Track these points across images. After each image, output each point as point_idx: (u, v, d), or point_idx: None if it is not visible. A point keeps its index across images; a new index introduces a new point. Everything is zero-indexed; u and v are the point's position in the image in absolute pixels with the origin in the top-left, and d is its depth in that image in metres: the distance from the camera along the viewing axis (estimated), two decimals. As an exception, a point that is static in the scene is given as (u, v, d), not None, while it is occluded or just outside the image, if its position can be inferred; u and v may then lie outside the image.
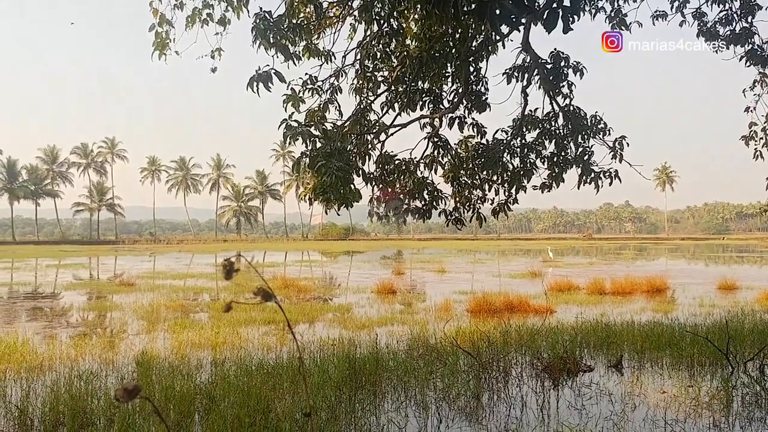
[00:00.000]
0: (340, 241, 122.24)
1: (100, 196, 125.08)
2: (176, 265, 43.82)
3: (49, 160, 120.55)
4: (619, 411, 7.79)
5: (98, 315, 17.73)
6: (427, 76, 9.32)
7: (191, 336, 12.99)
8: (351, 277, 32.63)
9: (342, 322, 15.25)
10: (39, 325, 15.65)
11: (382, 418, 7.55)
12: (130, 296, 21.82)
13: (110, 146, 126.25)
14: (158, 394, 7.93)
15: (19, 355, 11.01)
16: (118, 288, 25.33)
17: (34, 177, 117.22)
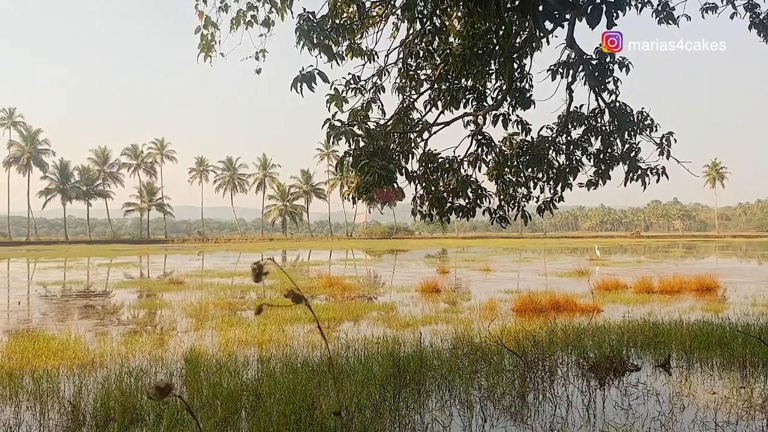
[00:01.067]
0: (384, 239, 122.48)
1: (149, 196, 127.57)
2: (224, 264, 44.45)
3: (100, 161, 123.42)
4: (666, 411, 7.66)
5: (148, 313, 18.09)
6: (470, 73, 9.28)
7: (238, 333, 13.17)
8: (395, 275, 32.65)
9: (386, 321, 15.28)
10: (91, 323, 16.04)
11: (426, 416, 7.56)
12: (179, 294, 22.22)
13: (159, 147, 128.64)
14: (206, 391, 8.07)
15: (71, 352, 11.29)
16: (167, 286, 25.81)
17: (86, 178, 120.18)
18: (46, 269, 40.10)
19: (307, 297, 1.79)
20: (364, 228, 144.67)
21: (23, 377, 9.39)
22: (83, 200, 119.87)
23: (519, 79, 9.35)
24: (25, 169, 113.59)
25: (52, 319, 16.92)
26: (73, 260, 52.30)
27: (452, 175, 9.41)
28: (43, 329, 14.55)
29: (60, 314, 18.03)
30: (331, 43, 8.63)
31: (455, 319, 15.23)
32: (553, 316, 15.20)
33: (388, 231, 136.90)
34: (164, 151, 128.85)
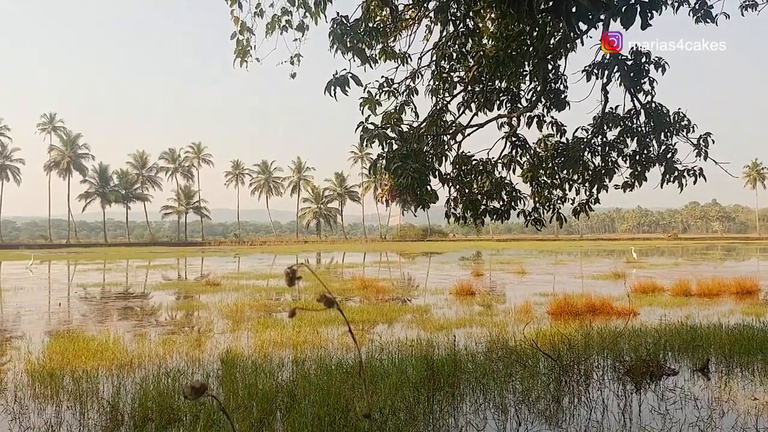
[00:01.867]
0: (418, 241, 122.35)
1: (187, 199, 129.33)
2: (259, 266, 44.83)
3: (138, 165, 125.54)
4: (705, 417, 7.52)
5: (185, 314, 18.32)
6: (504, 75, 9.24)
7: (273, 335, 13.28)
8: (429, 278, 32.60)
9: (420, 323, 15.27)
10: (129, 324, 16.29)
11: (460, 419, 7.54)
12: (216, 296, 22.47)
13: (196, 151, 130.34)
14: (241, 392, 8.15)
15: (110, 353, 11.49)
16: (204, 288, 26.11)
17: (125, 181, 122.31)
18: (86, 271, 40.84)
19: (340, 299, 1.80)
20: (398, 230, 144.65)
21: (64, 377, 9.57)
22: (122, 203, 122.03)
23: (553, 80, 9.27)
24: (65, 173, 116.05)
25: (92, 320, 17.23)
26: (112, 262, 53.18)
27: (486, 177, 9.37)
28: (83, 330, 14.82)
29: (99, 316, 18.35)
30: (364, 47, 8.66)
31: (490, 322, 15.16)
32: (588, 319, 15.05)
33: (422, 233, 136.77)
34: (201, 154, 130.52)
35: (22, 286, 28.61)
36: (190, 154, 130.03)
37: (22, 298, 23.24)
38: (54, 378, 9.45)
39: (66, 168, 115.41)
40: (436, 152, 9.23)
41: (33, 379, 9.61)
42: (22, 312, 18.91)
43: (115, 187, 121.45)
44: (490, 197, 9.30)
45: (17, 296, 23.80)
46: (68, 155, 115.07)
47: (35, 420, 7.76)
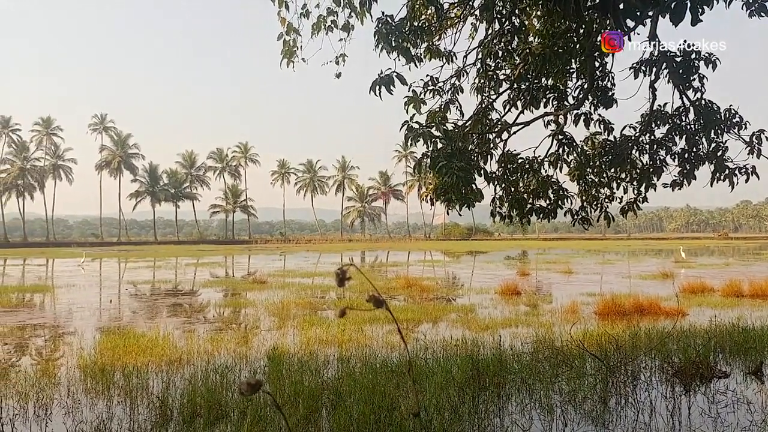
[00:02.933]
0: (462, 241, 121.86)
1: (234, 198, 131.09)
2: (305, 264, 45.19)
3: (187, 165, 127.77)
4: (759, 421, 7.33)
5: (233, 311, 18.58)
6: (550, 72, 9.15)
7: (319, 333, 13.37)
8: (474, 277, 32.44)
9: (465, 323, 15.21)
10: (178, 321, 16.58)
11: (505, 419, 7.49)
12: (262, 293, 22.73)
13: (243, 151, 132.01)
14: (288, 389, 8.22)
15: (160, 349, 11.70)
16: (251, 285, 26.43)
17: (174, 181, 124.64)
18: (136, 269, 41.70)
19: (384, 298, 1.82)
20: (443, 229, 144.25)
21: (115, 373, 9.78)
22: (171, 202, 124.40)
23: (600, 78, 9.15)
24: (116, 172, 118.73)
25: (142, 317, 17.58)
26: (162, 260, 54.20)
27: (532, 176, 9.29)
28: (134, 327, 15.13)
29: (149, 312, 18.72)
30: (409, 46, 8.67)
31: (536, 322, 15.02)
32: (636, 319, 14.81)
33: (466, 232, 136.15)
34: (248, 154, 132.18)
35: (74, 283, 29.36)
36: (237, 154, 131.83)
37: (74, 295, 23.84)
38: (105, 374, 9.67)
39: (117, 167, 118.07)
40: (481, 151, 9.19)
41: (85, 375, 9.85)
42: (74, 309, 19.40)
43: (164, 186, 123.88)
44: (536, 196, 9.22)
45: (70, 293, 24.43)
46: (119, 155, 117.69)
47: (87, 414, 7.95)
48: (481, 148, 9.24)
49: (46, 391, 8.92)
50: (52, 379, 9.74)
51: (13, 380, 9.60)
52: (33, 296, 23.28)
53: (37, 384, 9.26)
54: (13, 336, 14.24)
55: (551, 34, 8.78)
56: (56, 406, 8.41)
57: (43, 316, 17.81)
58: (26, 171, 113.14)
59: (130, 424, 7.51)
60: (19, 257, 63.04)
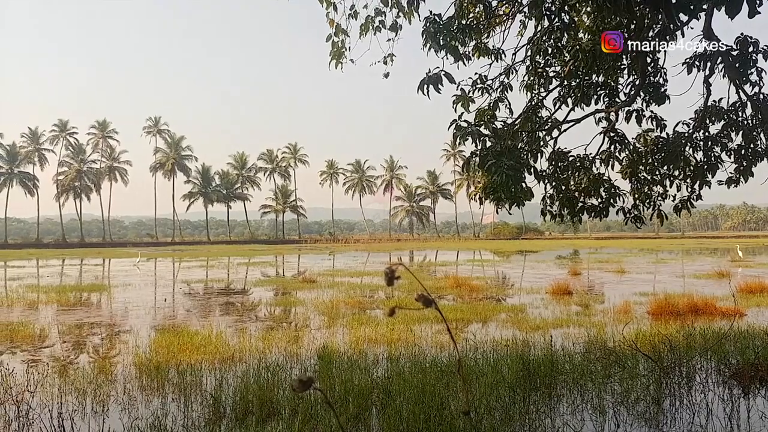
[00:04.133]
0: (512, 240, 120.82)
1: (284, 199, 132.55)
2: (353, 263, 45.39)
3: (238, 166, 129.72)
4: (822, 425, 7.10)
5: (283, 310, 18.77)
6: (601, 69, 9.02)
7: (368, 332, 13.42)
8: (524, 276, 32.13)
9: (516, 323, 15.08)
10: (231, 319, 16.83)
11: (557, 420, 7.41)
12: (312, 292, 22.91)
13: (293, 151, 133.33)
14: (338, 387, 8.28)
15: (213, 347, 11.89)
16: (301, 284, 26.67)
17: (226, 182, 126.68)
18: (190, 268, 42.46)
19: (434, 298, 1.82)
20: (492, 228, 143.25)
21: (169, 370, 9.99)
22: (223, 203, 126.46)
23: (652, 74, 8.97)
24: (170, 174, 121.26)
25: (196, 315, 17.90)
26: (215, 259, 55.10)
27: (583, 174, 9.17)
28: (187, 325, 15.41)
29: (202, 311, 19.04)
30: (457, 44, 8.63)
31: (587, 323, 14.81)
32: (691, 319, 14.47)
33: (516, 231, 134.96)
34: (297, 155, 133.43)
35: (129, 282, 30.05)
36: (286, 155, 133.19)
37: (129, 293, 24.42)
38: (160, 371, 9.88)
39: (170, 169, 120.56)
40: (531, 149, 9.10)
41: (140, 372, 10.08)
42: (129, 307, 19.86)
43: (216, 187, 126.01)
44: (587, 194, 9.09)
45: (125, 292, 25.02)
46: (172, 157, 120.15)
47: (143, 411, 8.13)
48: (530, 146, 9.14)
49: (103, 388, 9.15)
50: (109, 376, 9.99)
51: (71, 377, 9.88)
52: (90, 295, 23.90)
53: (95, 381, 9.52)
54: (71, 334, 14.65)
55: (602, 30, 8.64)
56: (113, 402, 8.62)
57: (100, 315, 18.28)
58: (83, 173, 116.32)
59: (184, 420, 7.65)
60: (77, 257, 64.84)
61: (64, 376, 10.08)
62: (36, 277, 34.89)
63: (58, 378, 9.89)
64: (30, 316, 17.61)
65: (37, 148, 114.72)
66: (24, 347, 12.87)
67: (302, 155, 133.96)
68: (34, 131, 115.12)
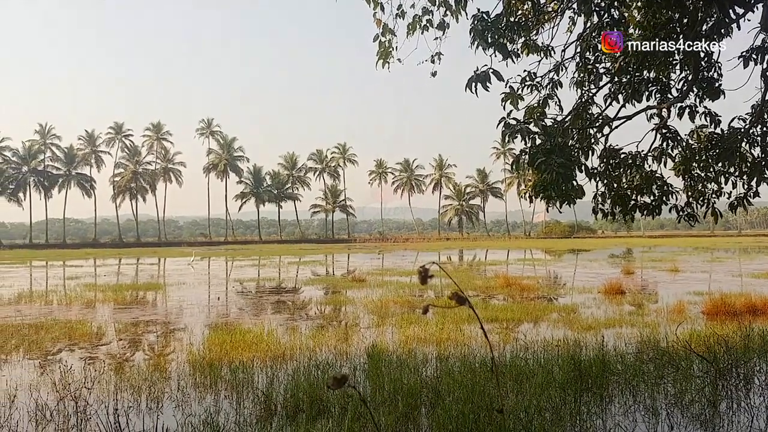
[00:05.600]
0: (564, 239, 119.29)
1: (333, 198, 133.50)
2: (402, 263, 45.42)
3: (289, 166, 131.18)
4: None
5: (333, 309, 18.92)
6: (652, 64, 8.84)
7: (417, 331, 13.43)
8: (576, 276, 31.72)
9: (567, 323, 14.91)
10: (282, 318, 17.03)
11: (608, 421, 7.32)
12: (361, 291, 23.03)
13: (342, 151, 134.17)
14: (387, 386, 8.31)
15: (264, 345, 12.06)
16: (350, 283, 26.83)
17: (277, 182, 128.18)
18: (242, 267, 43.08)
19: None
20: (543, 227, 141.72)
21: (222, 368, 10.17)
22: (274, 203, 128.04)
23: (706, 69, 8.75)
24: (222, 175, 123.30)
25: (248, 313, 18.17)
26: (266, 258, 55.81)
27: (635, 171, 9.00)
28: (240, 323, 15.65)
29: (254, 309, 19.32)
30: (505, 42, 8.57)
31: (640, 322, 14.55)
32: (748, 320, 14.10)
33: (568, 230, 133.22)
34: (346, 155, 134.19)
35: (184, 281, 30.66)
36: (336, 155, 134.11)
37: (184, 292, 24.91)
38: (213, 368, 10.06)
39: (223, 170, 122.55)
40: (581, 146, 8.97)
41: (194, 369, 10.29)
42: (184, 306, 20.27)
43: (268, 188, 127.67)
44: (639, 192, 8.93)
45: (180, 290, 25.54)
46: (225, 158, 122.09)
47: (196, 408, 8.30)
48: (581, 144, 9.02)
49: (157, 385, 9.37)
50: (163, 373, 10.22)
51: (127, 374, 10.14)
52: (146, 294, 24.46)
53: (150, 378, 9.75)
54: (127, 332, 15.02)
55: (652, 25, 8.48)
56: (167, 399, 8.82)
57: (155, 313, 18.70)
58: (139, 174, 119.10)
59: (236, 417, 7.79)
60: (132, 256, 66.40)
61: (120, 373, 10.35)
62: (93, 276, 35.86)
63: (114, 375, 10.16)
64: (88, 314, 18.12)
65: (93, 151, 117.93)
66: (82, 345, 13.25)
67: (351, 155, 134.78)
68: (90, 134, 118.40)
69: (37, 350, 12.60)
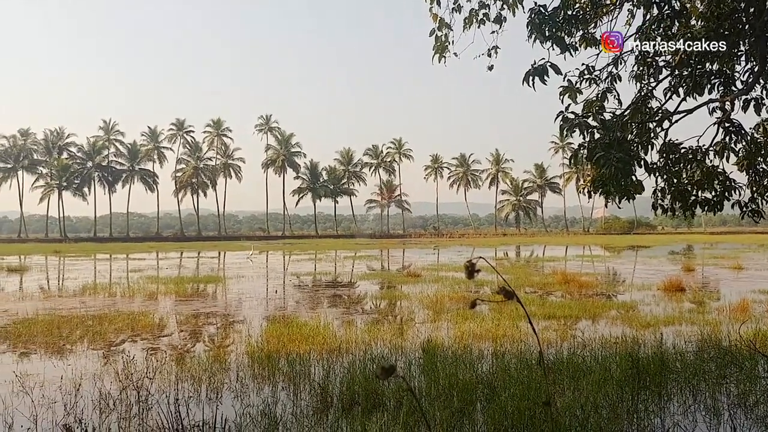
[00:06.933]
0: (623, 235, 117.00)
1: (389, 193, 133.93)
2: (458, 258, 45.26)
3: (345, 162, 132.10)
4: None
5: (388, 303, 19.00)
6: (715, 56, 8.63)
7: (473, 327, 13.40)
8: (635, 273, 31.12)
9: (625, 320, 14.66)
10: (338, 311, 17.20)
11: (667, 420, 7.20)
12: (417, 287, 23.07)
13: (397, 146, 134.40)
14: (442, 381, 8.33)
15: (321, 338, 12.21)
16: (405, 278, 26.90)
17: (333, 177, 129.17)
18: (299, 261, 43.63)
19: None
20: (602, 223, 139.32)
21: (279, 360, 10.34)
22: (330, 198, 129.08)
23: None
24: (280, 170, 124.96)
25: (305, 306, 18.40)
26: (322, 253, 56.34)
27: (696, 166, 8.80)
28: (297, 316, 15.86)
29: (311, 302, 19.55)
30: (563, 35, 8.49)
31: (701, 320, 14.22)
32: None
33: (627, 226, 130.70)
34: (402, 150, 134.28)
35: (243, 274, 31.22)
36: (391, 150, 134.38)
37: (243, 285, 25.37)
38: (271, 360, 10.24)
39: (281, 166, 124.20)
40: (641, 140, 8.82)
41: (252, 361, 10.49)
42: (243, 298, 20.66)
43: (324, 183, 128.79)
44: (700, 187, 8.72)
45: (239, 283, 26.01)
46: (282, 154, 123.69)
47: (254, 399, 8.47)
48: (640, 138, 8.86)
49: (217, 376, 9.59)
50: (222, 364, 10.45)
51: (188, 365, 10.39)
52: (206, 286, 25.01)
53: (209, 369, 9.98)
54: (188, 323, 15.40)
55: (716, 16, 8.27)
56: (226, 389, 9.02)
57: (215, 305, 19.10)
58: (200, 170, 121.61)
59: (293, 409, 7.91)
60: (194, 250, 67.89)
61: (180, 363, 10.61)
62: (156, 269, 36.80)
63: (175, 365, 10.43)
64: (150, 306, 18.62)
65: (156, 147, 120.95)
66: (144, 336, 13.63)
67: (407, 150, 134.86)
68: (153, 130, 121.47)
69: (101, 341, 13.02)
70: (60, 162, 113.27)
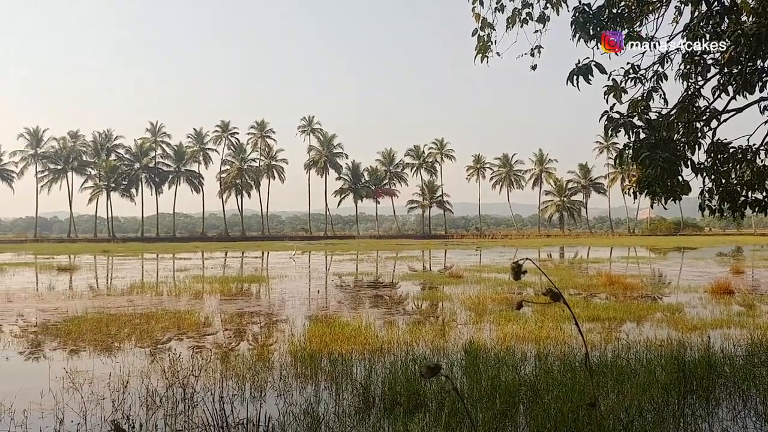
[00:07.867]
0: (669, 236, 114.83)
1: (430, 194, 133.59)
2: (500, 259, 44.96)
3: (386, 162, 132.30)
4: None
5: (430, 304, 18.98)
6: (767, 53, 8.42)
7: (515, 329, 13.30)
8: (682, 274, 30.52)
9: (671, 323, 14.40)
10: (380, 312, 17.24)
11: (715, 426, 7.05)
12: (458, 288, 23.00)
13: (439, 147, 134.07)
14: (485, 383, 8.28)
15: (362, 338, 12.25)
16: (447, 279, 26.83)
17: (374, 178, 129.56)
18: (341, 261, 43.85)
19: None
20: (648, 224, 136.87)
21: (322, 359, 10.41)
22: (372, 198, 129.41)
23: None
24: (322, 171, 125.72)
25: (346, 306, 18.49)
26: (364, 253, 56.54)
27: (746, 166, 8.60)
28: (339, 316, 15.96)
29: (353, 302, 19.64)
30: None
31: (751, 324, 13.88)
32: None
33: (674, 227, 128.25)
34: (443, 150, 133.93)
35: (286, 274, 31.51)
36: (433, 150, 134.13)
37: (285, 285, 25.61)
38: (313, 359, 10.32)
39: (323, 166, 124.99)
40: (687, 140, 8.66)
41: (295, 360, 10.57)
42: (286, 298, 20.85)
43: (366, 183, 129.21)
44: (750, 188, 8.53)
45: (282, 283, 26.26)
46: (324, 155, 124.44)
47: (297, 397, 8.54)
48: (687, 138, 8.70)
49: (261, 374, 9.70)
50: (266, 363, 10.56)
51: (232, 363, 10.54)
52: (250, 286, 25.30)
53: (254, 367, 10.10)
54: (232, 322, 15.60)
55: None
56: (269, 388, 9.12)
57: (258, 305, 19.32)
58: (244, 171, 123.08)
59: (336, 408, 7.96)
60: (238, 250, 68.76)
61: (225, 361, 10.77)
62: (201, 268, 37.36)
63: (220, 363, 10.59)
64: (195, 305, 18.92)
65: (201, 148, 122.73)
66: (190, 334, 13.85)
67: (448, 150, 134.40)
68: (198, 132, 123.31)
69: (148, 339, 13.27)
70: (108, 163, 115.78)
